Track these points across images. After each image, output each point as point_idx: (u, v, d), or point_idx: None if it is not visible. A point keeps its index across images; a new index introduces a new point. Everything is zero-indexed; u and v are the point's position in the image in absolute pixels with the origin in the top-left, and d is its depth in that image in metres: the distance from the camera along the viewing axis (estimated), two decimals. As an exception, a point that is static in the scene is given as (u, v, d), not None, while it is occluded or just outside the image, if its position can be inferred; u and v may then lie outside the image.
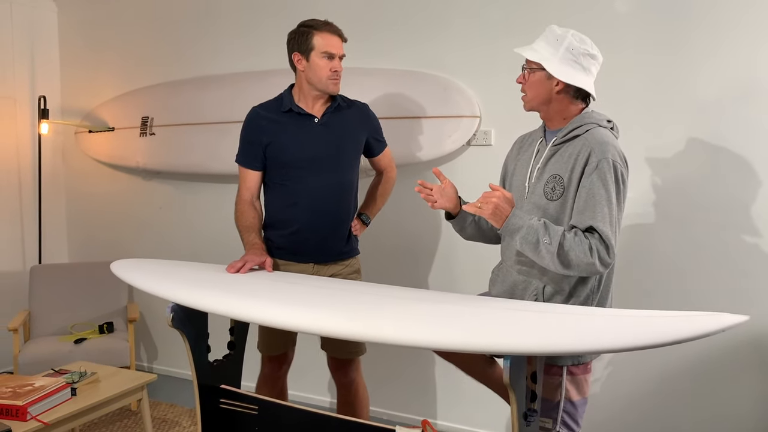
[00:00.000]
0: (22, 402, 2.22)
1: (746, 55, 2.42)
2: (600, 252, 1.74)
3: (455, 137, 2.93)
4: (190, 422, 3.21)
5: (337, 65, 2.33)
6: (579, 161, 1.81)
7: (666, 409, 2.65)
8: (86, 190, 4.20)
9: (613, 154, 1.79)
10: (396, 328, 1.58)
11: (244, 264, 2.19)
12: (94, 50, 4.10)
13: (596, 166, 1.78)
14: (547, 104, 1.91)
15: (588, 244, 1.74)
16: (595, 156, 1.79)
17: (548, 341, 1.45)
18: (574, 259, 1.74)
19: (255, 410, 2.08)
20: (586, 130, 1.85)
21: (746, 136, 2.45)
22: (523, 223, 1.79)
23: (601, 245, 1.74)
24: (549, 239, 1.75)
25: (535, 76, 1.89)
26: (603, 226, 1.75)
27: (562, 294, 1.87)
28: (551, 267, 1.79)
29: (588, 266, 1.75)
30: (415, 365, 3.18)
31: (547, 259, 1.77)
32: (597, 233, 1.75)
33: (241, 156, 2.45)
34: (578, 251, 1.74)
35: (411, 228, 3.14)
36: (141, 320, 3.97)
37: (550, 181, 1.87)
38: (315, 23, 2.33)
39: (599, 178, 1.77)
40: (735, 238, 2.49)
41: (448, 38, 2.98)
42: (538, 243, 1.76)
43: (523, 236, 1.79)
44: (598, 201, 1.76)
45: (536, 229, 1.77)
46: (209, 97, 3.55)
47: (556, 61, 1.84)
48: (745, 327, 1.75)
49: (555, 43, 1.86)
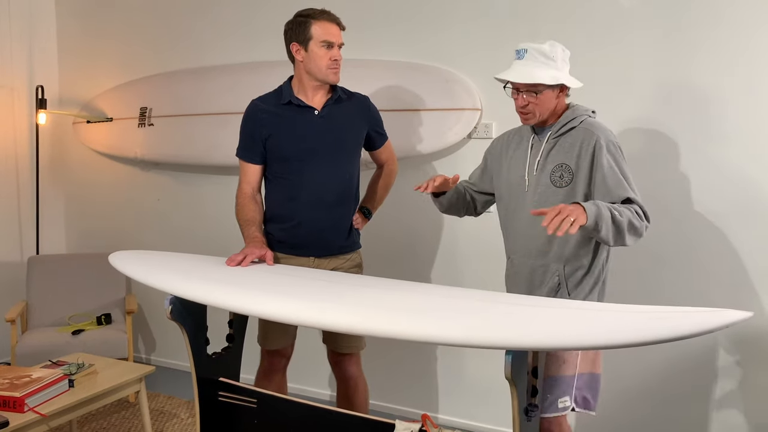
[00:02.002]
0: (19, 393, 2.21)
1: (746, 52, 2.41)
2: (645, 217, 1.90)
3: (456, 130, 2.91)
4: (189, 414, 3.21)
5: (336, 54, 2.30)
6: (585, 148, 1.96)
7: (669, 405, 2.65)
8: (84, 181, 4.18)
9: (614, 137, 1.99)
10: (396, 322, 1.57)
11: (245, 257, 2.17)
12: (93, 40, 4.07)
13: (606, 148, 1.94)
14: (551, 113, 2.03)
15: (635, 214, 1.88)
16: (602, 140, 1.95)
17: (551, 336, 1.44)
18: (633, 228, 1.87)
19: (254, 403, 2.07)
20: (581, 121, 2.01)
21: (749, 131, 2.43)
22: (597, 211, 1.79)
23: (641, 210, 1.90)
24: (616, 213, 1.83)
25: (545, 96, 1.98)
26: (635, 196, 1.91)
27: (582, 269, 2.00)
28: (619, 242, 1.86)
29: (640, 230, 1.89)
30: (415, 359, 3.18)
31: (622, 235, 1.85)
32: (633, 203, 1.90)
33: (241, 150, 2.43)
34: (634, 220, 1.87)
35: (412, 221, 3.13)
36: (139, 312, 3.96)
37: (557, 170, 1.99)
38: (312, 12, 2.29)
39: (613, 158, 1.94)
40: (739, 233, 2.48)
41: (450, 30, 2.95)
42: (615, 219, 1.82)
43: (604, 222, 1.81)
44: (624, 176, 1.92)
45: (604, 209, 1.81)
46: (209, 88, 3.53)
47: (565, 75, 1.99)
48: (749, 323, 1.75)
49: (550, 60, 1.96)
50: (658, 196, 2.60)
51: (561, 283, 2.00)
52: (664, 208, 2.58)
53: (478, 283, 2.70)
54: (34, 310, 3.51)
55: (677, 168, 2.56)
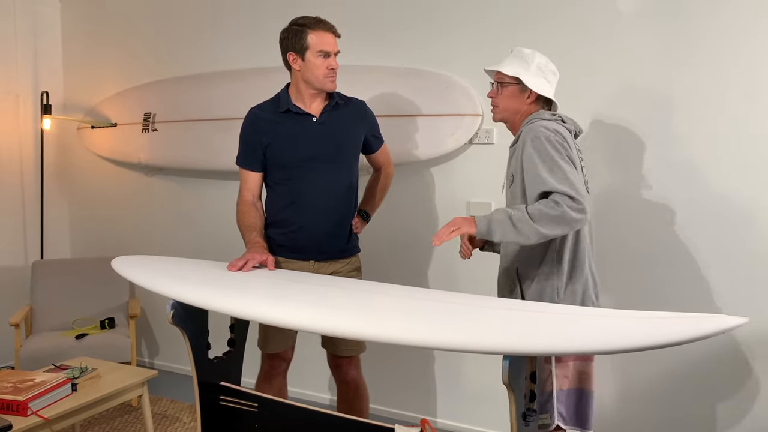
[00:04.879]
0: (23, 397, 2.23)
1: (745, 53, 2.42)
2: (565, 202, 1.83)
3: (457, 135, 2.93)
4: (191, 418, 3.22)
5: (333, 63, 2.32)
6: (518, 152, 2.00)
7: (666, 410, 2.65)
8: (88, 186, 4.21)
9: (543, 131, 1.93)
10: (394, 327, 1.58)
11: (246, 262, 2.19)
12: (97, 46, 4.11)
13: (530, 144, 1.93)
14: (515, 115, 2.09)
15: (551, 200, 1.85)
16: (529, 137, 1.95)
17: (547, 341, 1.45)
18: (546, 215, 1.83)
19: (254, 407, 2.09)
20: (528, 126, 2.01)
21: (747, 135, 2.44)
22: (489, 216, 1.91)
23: (563, 197, 1.83)
24: (515, 211, 1.87)
25: (508, 90, 2.07)
26: (553, 185, 1.85)
27: (533, 267, 2.00)
28: (534, 236, 1.85)
29: (562, 216, 1.82)
30: (414, 363, 3.19)
31: (526, 229, 1.85)
32: (550, 193, 1.86)
33: (241, 158, 2.44)
34: (545, 208, 1.83)
35: (410, 226, 3.14)
36: (142, 316, 3.98)
37: (509, 179, 2.07)
38: (307, 21, 2.30)
39: (534, 151, 1.91)
40: (735, 239, 2.48)
41: (451, 36, 2.97)
42: (511, 220, 1.86)
43: (497, 225, 1.88)
44: (540, 169, 1.88)
45: (501, 212, 1.90)
46: (212, 94, 3.55)
47: (530, 76, 2.04)
48: (745, 329, 1.76)
49: (526, 61, 2.06)
50: (654, 200, 2.61)
51: (515, 283, 2.05)
52: (660, 213, 2.59)
53: (476, 287, 2.70)
54: (38, 314, 3.53)
55: (676, 171, 2.57)
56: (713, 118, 2.49)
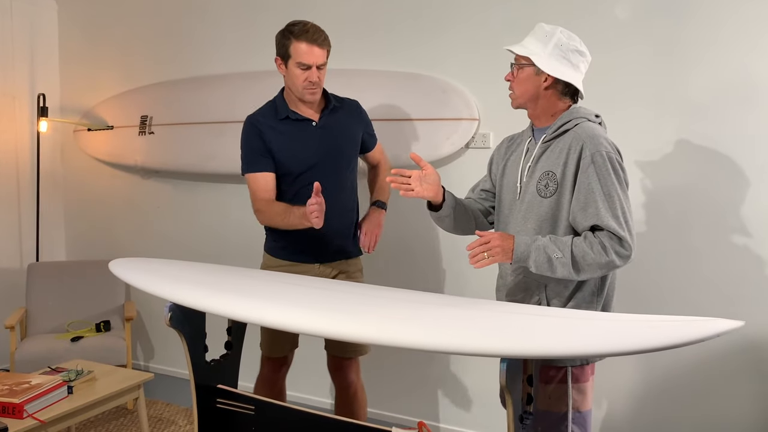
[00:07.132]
0: (18, 400, 2.23)
1: (743, 58, 2.43)
2: (614, 247, 1.73)
3: (454, 140, 2.94)
4: (187, 422, 3.21)
5: (312, 76, 2.27)
6: (572, 155, 1.80)
7: (661, 413, 2.66)
8: (85, 189, 4.20)
9: (606, 146, 1.79)
10: (391, 329, 1.58)
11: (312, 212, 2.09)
12: (94, 48, 4.10)
13: (591, 160, 1.77)
14: (534, 101, 1.89)
15: (599, 243, 1.74)
16: (588, 150, 1.78)
17: (544, 344, 1.46)
18: (591, 263, 1.74)
19: (252, 410, 2.08)
20: (575, 124, 1.84)
21: (743, 139, 2.46)
22: (529, 248, 1.79)
23: (613, 240, 1.73)
24: (560, 253, 1.75)
25: (524, 73, 1.88)
26: (607, 221, 1.73)
27: (567, 289, 1.85)
28: (571, 278, 1.77)
29: (607, 264, 1.74)
30: (411, 367, 3.19)
31: (564, 272, 1.76)
32: (604, 230, 1.75)
33: (248, 165, 2.39)
34: (592, 254, 1.73)
35: (409, 228, 3.14)
36: (138, 319, 3.97)
37: (543, 179, 1.85)
38: (295, 30, 2.27)
39: (595, 173, 1.76)
40: (730, 243, 2.50)
41: (448, 40, 2.98)
42: (551, 261, 1.76)
43: (535, 260, 1.78)
44: (597, 197, 1.75)
45: (544, 247, 1.77)
46: (209, 97, 3.55)
47: (545, 56, 1.83)
48: (740, 332, 1.77)
49: (544, 39, 1.85)
50: (650, 204, 2.62)
51: (542, 304, 1.88)
52: (656, 216, 2.60)
53: (476, 289, 2.71)
54: (34, 316, 3.52)
55: (672, 175, 2.58)
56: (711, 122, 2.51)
